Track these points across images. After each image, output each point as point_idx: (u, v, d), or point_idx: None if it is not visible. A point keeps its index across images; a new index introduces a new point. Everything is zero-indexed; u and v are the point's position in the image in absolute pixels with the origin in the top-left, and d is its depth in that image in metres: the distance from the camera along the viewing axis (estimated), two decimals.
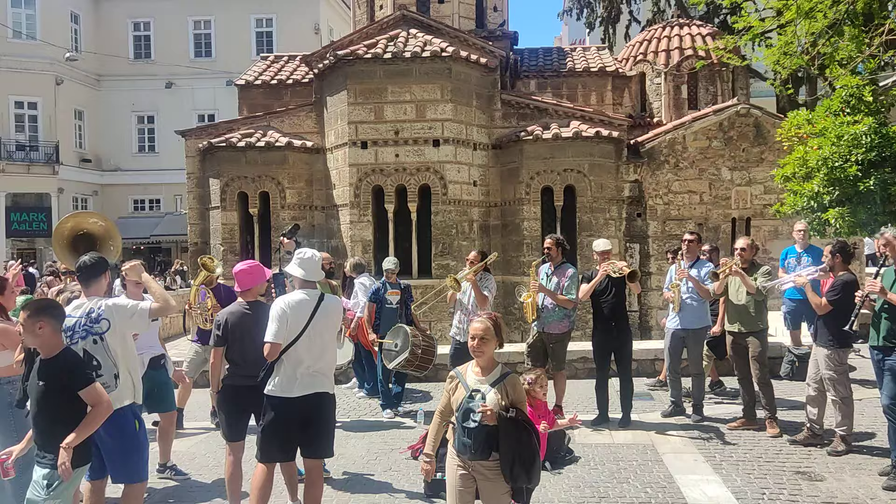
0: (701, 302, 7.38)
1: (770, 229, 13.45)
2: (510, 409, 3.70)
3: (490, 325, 3.83)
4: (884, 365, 5.50)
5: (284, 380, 4.60)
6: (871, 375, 6.83)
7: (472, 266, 7.52)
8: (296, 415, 4.58)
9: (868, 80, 8.94)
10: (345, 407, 8.52)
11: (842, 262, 6.21)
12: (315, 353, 4.64)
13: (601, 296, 7.25)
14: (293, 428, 4.62)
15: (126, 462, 4.37)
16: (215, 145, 14.03)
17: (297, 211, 14.14)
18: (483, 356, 3.86)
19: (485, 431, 3.64)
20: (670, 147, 13.80)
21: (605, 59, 17.49)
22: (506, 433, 3.63)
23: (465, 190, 13.45)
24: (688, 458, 6.20)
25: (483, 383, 3.83)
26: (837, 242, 6.37)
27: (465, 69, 13.48)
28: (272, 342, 4.55)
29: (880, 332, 5.52)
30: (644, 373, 9.34)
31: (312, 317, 4.61)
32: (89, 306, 4.39)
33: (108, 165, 30.29)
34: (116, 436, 4.31)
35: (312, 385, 4.64)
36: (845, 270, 6.22)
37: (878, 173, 8.27)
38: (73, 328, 4.32)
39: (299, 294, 4.73)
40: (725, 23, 21.06)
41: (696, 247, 7.55)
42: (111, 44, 29.78)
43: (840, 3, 7.51)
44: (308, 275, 4.78)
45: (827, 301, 6.09)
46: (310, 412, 4.61)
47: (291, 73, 16.94)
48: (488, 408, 3.63)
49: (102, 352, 4.30)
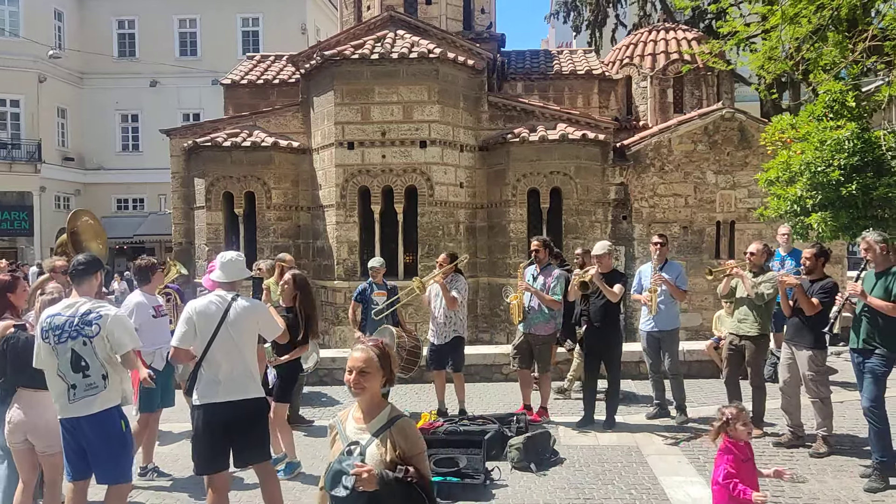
0: (672, 303, 7.45)
1: (754, 233, 13.54)
2: (398, 466, 2.78)
3: (373, 355, 2.92)
4: (864, 367, 5.56)
5: (206, 386, 4.49)
6: (852, 378, 6.90)
7: (441, 268, 7.53)
8: (222, 421, 4.45)
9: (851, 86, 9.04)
10: (330, 407, 8.49)
11: (822, 266, 6.30)
12: (233, 357, 4.52)
13: (591, 297, 7.28)
14: (219, 435, 4.47)
15: (113, 463, 4.35)
16: (200, 145, 13.94)
17: (283, 211, 14.09)
18: (363, 394, 2.92)
19: (362, 501, 2.68)
20: (656, 150, 13.88)
21: (592, 62, 17.56)
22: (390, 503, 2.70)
23: (452, 191, 13.45)
24: (672, 460, 6.22)
25: (364, 432, 2.91)
26: (818, 246, 6.44)
27: (452, 71, 13.48)
28: (176, 346, 4.50)
29: (860, 334, 5.58)
30: (629, 374, 9.36)
31: (223, 320, 4.51)
32: (86, 307, 4.33)
33: (92, 164, 30.00)
34: (103, 436, 4.29)
35: (237, 390, 4.52)
36: (824, 274, 6.34)
37: (860, 178, 8.37)
38: (61, 327, 4.27)
39: (208, 297, 4.66)
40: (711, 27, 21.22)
41: (665, 250, 7.59)
42: (95, 42, 29.51)
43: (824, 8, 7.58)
44: (228, 276, 4.73)
45: (818, 301, 6.15)
46: (237, 418, 4.49)
47: (278, 73, 16.88)
48: (364, 468, 2.68)
49: (91, 353, 4.28)
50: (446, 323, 7.59)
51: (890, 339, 5.52)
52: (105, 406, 4.28)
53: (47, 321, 4.32)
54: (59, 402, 4.31)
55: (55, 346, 4.26)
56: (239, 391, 4.52)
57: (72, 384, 4.26)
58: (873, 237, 5.64)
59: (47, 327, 4.30)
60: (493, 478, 5.74)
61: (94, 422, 4.22)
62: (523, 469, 5.99)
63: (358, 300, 8.23)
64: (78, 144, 29.80)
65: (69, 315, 4.31)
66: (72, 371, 4.25)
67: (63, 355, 4.25)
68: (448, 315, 7.58)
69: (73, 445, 4.32)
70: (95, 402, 4.28)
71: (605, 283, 7.09)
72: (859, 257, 5.76)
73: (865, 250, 5.64)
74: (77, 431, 4.27)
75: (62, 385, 4.27)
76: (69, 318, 4.30)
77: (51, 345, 4.27)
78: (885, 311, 5.41)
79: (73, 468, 4.35)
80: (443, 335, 7.57)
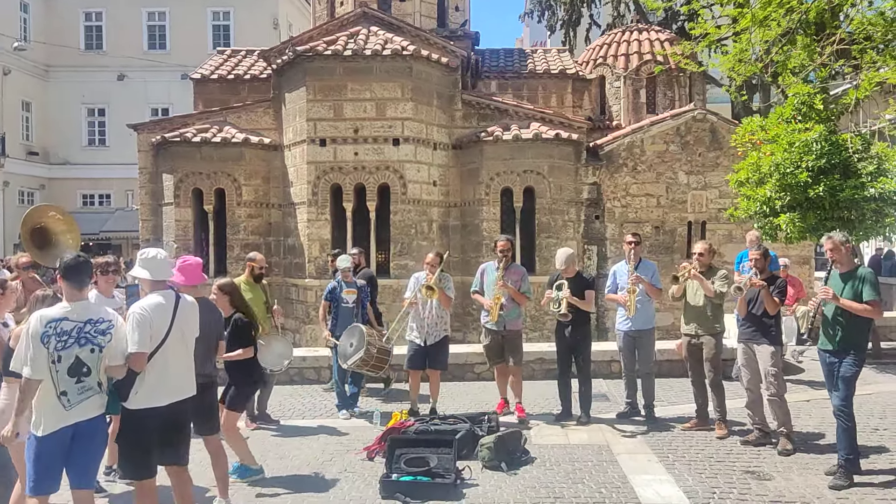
0: (648, 302, 7.48)
1: (724, 233, 13.71)
2: None
3: None
4: (836, 368, 5.60)
5: (150, 389, 4.32)
6: (818, 377, 6.99)
7: (432, 269, 7.48)
8: (163, 423, 4.34)
9: (819, 89, 9.17)
10: (299, 408, 8.40)
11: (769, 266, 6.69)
12: (180, 357, 4.47)
13: None
14: (157, 438, 4.34)
15: (95, 468, 4.30)
16: (169, 140, 13.71)
17: (254, 209, 13.92)
18: None
19: None
20: (629, 150, 13.96)
21: (566, 61, 17.63)
22: None
23: (425, 190, 13.40)
24: (641, 459, 6.25)
25: None
26: (762, 248, 6.71)
27: (426, 68, 13.42)
28: (138, 351, 4.23)
29: (835, 336, 5.62)
30: (600, 374, 9.39)
31: (173, 320, 4.42)
32: (96, 313, 4.16)
33: (57, 159, 29.38)
34: (96, 441, 4.21)
35: (181, 390, 4.46)
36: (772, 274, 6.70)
37: (828, 180, 8.50)
38: (69, 333, 4.03)
39: (155, 297, 4.45)
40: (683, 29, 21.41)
41: (638, 249, 7.61)
42: (61, 34, 28.88)
43: (793, 12, 7.68)
44: (154, 275, 4.53)
45: (778, 300, 6.30)
46: (175, 419, 4.42)
47: (249, 68, 16.67)
48: None
49: (96, 361, 4.11)
50: (438, 323, 7.55)
51: (860, 341, 5.63)
52: (101, 410, 4.20)
53: (51, 325, 4.01)
54: (52, 417, 4.02)
55: (57, 351, 3.99)
56: (182, 391, 4.49)
57: (62, 391, 4.01)
58: (839, 237, 5.70)
59: (51, 332, 4.00)
60: (464, 477, 5.71)
61: (92, 425, 4.11)
62: (494, 468, 5.97)
63: (328, 299, 8.15)
64: (43, 138, 29.18)
65: (77, 321, 4.07)
66: (67, 376, 4.02)
67: (64, 361, 4.01)
68: (441, 314, 7.56)
69: (63, 456, 4.07)
70: (94, 405, 4.14)
71: (573, 289, 7.18)
72: (826, 258, 5.83)
73: (831, 250, 5.70)
74: (72, 438, 4.06)
75: (52, 395, 4.01)
76: (77, 324, 4.07)
77: (49, 350, 3.98)
78: (858, 313, 5.47)
79: (53, 480, 4.11)
80: (433, 335, 7.54)
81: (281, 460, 6.36)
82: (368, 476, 5.88)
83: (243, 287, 7.43)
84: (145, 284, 4.63)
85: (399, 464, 5.73)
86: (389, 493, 5.45)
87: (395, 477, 5.60)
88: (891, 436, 6.76)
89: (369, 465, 6.18)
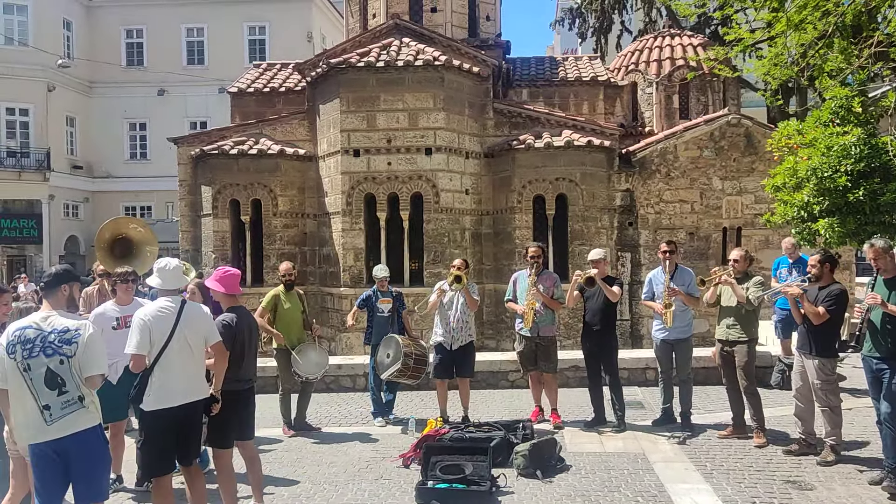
0: (685, 311, 7.41)
1: (761, 239, 13.51)
2: None
3: None
4: (888, 375, 5.46)
5: (163, 391, 4.54)
6: (861, 385, 6.86)
7: (459, 272, 7.55)
8: (177, 424, 4.57)
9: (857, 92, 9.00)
10: (335, 415, 8.50)
11: (830, 272, 6.25)
12: (186, 361, 4.62)
13: (587, 301, 7.41)
14: (171, 437, 4.58)
15: (97, 482, 4.18)
16: (207, 153, 14.01)
17: (289, 218, 14.13)
18: None
19: None
20: (662, 156, 13.86)
21: (597, 68, 17.58)
22: None
23: (457, 198, 13.47)
24: (678, 467, 6.20)
25: None
26: (824, 252, 6.40)
27: (457, 78, 13.52)
28: (135, 353, 4.50)
29: (885, 343, 5.51)
30: (635, 381, 9.34)
31: (176, 324, 4.59)
32: (62, 323, 4.10)
33: (100, 172, 30.16)
34: (91, 455, 4.11)
35: (193, 392, 4.65)
36: (832, 280, 6.26)
37: (868, 184, 8.32)
38: (32, 341, 4.00)
39: (160, 302, 4.72)
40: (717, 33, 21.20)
41: (673, 257, 7.52)
42: (104, 50, 29.71)
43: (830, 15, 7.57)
44: (165, 284, 4.77)
45: (825, 310, 6.08)
46: (189, 419, 4.63)
47: (284, 81, 16.95)
48: None
49: (67, 372, 4.03)
50: (463, 327, 7.61)
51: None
52: (91, 424, 4.09)
53: (16, 335, 4.02)
54: (31, 428, 3.99)
55: (25, 360, 3.97)
56: (194, 393, 4.66)
57: (45, 405, 3.95)
58: (881, 244, 5.59)
59: (15, 341, 3.99)
60: (499, 485, 5.74)
61: (80, 441, 4.01)
62: (529, 476, 5.98)
63: (361, 306, 8.24)
64: (86, 153, 29.97)
65: (41, 330, 4.05)
66: (46, 388, 3.97)
67: (35, 370, 3.97)
68: (465, 319, 7.63)
69: (53, 471, 4.01)
70: (79, 420, 4.04)
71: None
72: (868, 263, 5.72)
73: (875, 259, 5.59)
74: (62, 454, 4.00)
75: (33, 407, 3.96)
76: (41, 332, 4.04)
77: (16, 360, 3.96)
78: None
79: (51, 497, 4.05)
80: (459, 340, 7.60)
81: (318, 467, 6.45)
82: (404, 483, 5.93)
83: (281, 298, 7.57)
84: (158, 292, 4.85)
85: (434, 471, 5.77)
86: (425, 500, 5.49)
87: (431, 484, 5.65)
88: None
89: (405, 473, 6.23)
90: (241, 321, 5.22)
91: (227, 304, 5.32)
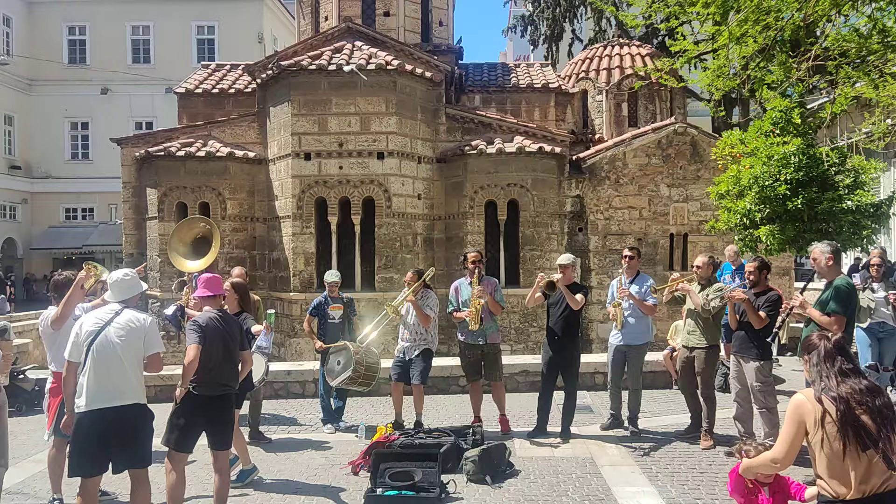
0: (641, 318, 7.48)
1: (706, 245, 13.84)
2: None
3: None
4: None
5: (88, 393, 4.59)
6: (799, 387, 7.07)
7: (409, 287, 7.52)
8: (100, 427, 4.56)
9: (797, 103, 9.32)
10: (284, 422, 8.37)
11: (765, 278, 6.46)
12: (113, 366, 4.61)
13: (551, 308, 7.36)
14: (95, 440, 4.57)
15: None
16: (153, 154, 13.68)
17: (239, 222, 13.90)
18: None
19: None
20: (611, 163, 14.10)
21: (549, 75, 17.78)
22: None
23: (410, 203, 13.44)
24: (625, 470, 6.29)
25: None
26: (760, 259, 6.59)
27: (410, 83, 13.51)
28: (68, 360, 4.67)
29: None
30: (584, 386, 9.44)
31: (102, 329, 4.64)
32: None
33: (39, 173, 29.19)
34: None
35: (116, 397, 4.60)
36: (768, 286, 6.49)
37: (806, 192, 8.62)
38: None
39: (100, 310, 4.88)
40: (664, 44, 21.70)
41: (634, 263, 7.65)
42: (44, 48, 28.81)
43: (770, 29, 7.80)
44: (118, 296, 4.87)
45: (765, 315, 6.25)
46: (114, 423, 4.58)
47: (234, 83, 16.68)
48: None
49: None
50: (416, 339, 7.58)
51: None
52: None
53: None
54: None
55: None
56: (117, 398, 4.60)
57: None
58: (820, 249, 5.76)
59: None
60: (449, 491, 5.73)
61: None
62: (479, 482, 5.99)
63: (313, 314, 8.15)
64: (25, 152, 29.00)
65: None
66: None
67: None
68: (419, 331, 7.58)
69: None
70: None
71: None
72: (807, 269, 5.92)
73: (814, 261, 5.78)
74: None
75: None
76: None
77: None
78: (821, 324, 5.53)
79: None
80: (412, 350, 7.57)
81: (265, 475, 6.34)
82: (353, 491, 5.88)
83: None
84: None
85: (384, 478, 5.74)
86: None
87: (380, 491, 5.61)
88: None
89: (354, 480, 6.18)
90: (215, 322, 5.07)
91: (213, 306, 5.25)
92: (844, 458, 2.79)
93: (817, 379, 2.99)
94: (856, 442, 2.78)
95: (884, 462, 2.75)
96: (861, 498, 2.78)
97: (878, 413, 2.80)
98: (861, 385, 2.88)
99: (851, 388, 2.86)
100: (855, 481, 2.80)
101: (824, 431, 2.85)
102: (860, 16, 8.16)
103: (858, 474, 2.80)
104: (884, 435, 2.77)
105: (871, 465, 2.79)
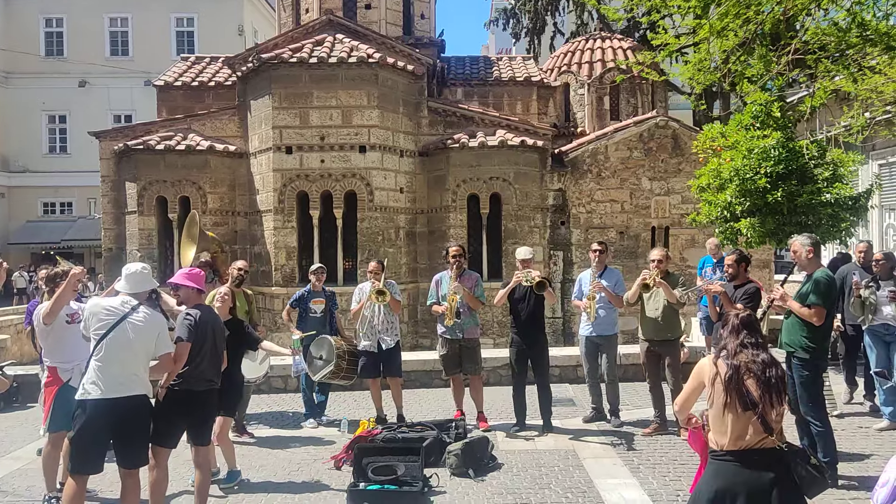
0: (611, 309, 7.54)
1: (687, 238, 13.94)
2: None
3: None
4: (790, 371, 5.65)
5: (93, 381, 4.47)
6: None
7: (376, 276, 7.50)
8: (104, 418, 4.44)
9: (776, 97, 9.40)
10: (266, 417, 8.33)
11: (745, 271, 6.48)
12: (126, 357, 4.54)
13: (519, 303, 7.31)
14: (101, 433, 4.47)
15: None
16: (132, 148, 13.52)
17: (219, 216, 13.78)
18: None
19: None
20: (593, 157, 14.13)
21: (531, 69, 17.79)
22: None
23: (392, 196, 13.40)
24: (607, 463, 6.32)
25: None
26: (739, 252, 6.62)
27: (391, 76, 13.45)
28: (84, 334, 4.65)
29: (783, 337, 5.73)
30: (566, 378, 9.49)
31: (123, 319, 4.55)
32: None
33: (16, 167, 28.77)
34: None
35: (123, 387, 4.51)
36: (747, 279, 6.49)
37: (786, 185, 8.70)
38: None
39: (118, 298, 4.74)
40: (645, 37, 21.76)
41: (603, 257, 7.68)
42: (21, 40, 28.36)
43: (750, 23, 7.84)
44: (131, 288, 4.75)
45: (742, 307, 6.26)
46: (119, 415, 4.47)
47: (214, 75, 16.51)
48: None
49: None
50: (389, 329, 7.56)
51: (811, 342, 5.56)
52: None
53: None
54: None
55: None
56: (124, 388, 4.50)
57: None
58: (800, 241, 5.79)
59: None
60: (432, 485, 5.72)
61: None
62: (462, 475, 5.98)
63: (294, 306, 8.10)
64: (2, 146, 28.57)
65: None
66: None
67: None
68: (391, 320, 7.58)
69: None
70: None
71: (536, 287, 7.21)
72: (787, 261, 5.95)
73: (794, 253, 5.81)
74: None
75: None
76: None
77: None
78: (801, 316, 5.55)
79: None
80: (387, 340, 7.54)
81: (248, 471, 6.29)
82: (336, 485, 5.85)
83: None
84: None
85: (366, 472, 5.71)
86: (357, 502, 5.44)
87: (363, 486, 5.59)
88: None
89: (337, 475, 6.15)
90: (205, 318, 5.04)
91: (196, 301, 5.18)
92: (724, 414, 3.19)
93: (722, 347, 3.39)
94: (738, 402, 3.16)
95: (760, 425, 3.14)
96: (735, 450, 3.17)
97: (766, 382, 3.18)
98: (758, 357, 3.26)
99: (747, 357, 3.26)
100: (731, 435, 3.18)
101: (713, 389, 3.27)
102: (839, 10, 8.23)
103: (736, 430, 3.17)
104: (766, 401, 3.15)
105: (749, 425, 3.16)
